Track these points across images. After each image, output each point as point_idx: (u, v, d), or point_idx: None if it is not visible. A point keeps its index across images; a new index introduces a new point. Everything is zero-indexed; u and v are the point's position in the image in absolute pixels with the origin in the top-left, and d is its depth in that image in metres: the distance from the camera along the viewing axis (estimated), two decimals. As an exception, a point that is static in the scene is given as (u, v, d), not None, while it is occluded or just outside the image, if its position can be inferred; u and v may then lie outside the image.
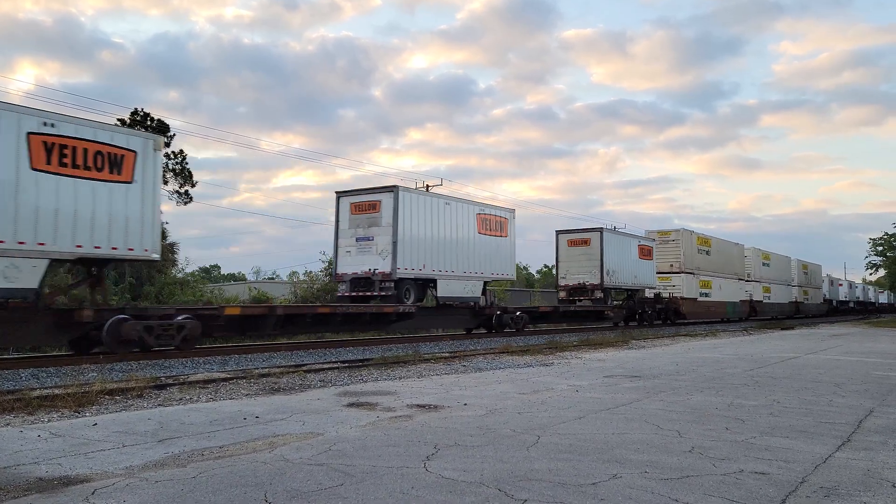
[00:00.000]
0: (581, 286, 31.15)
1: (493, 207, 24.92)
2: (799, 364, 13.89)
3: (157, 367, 12.29)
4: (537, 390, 9.41)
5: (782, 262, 56.90)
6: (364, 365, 12.64)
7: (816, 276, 67.56)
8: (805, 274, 62.72)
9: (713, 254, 41.74)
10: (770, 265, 52.69)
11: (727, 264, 43.93)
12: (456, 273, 22.69)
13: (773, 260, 53.98)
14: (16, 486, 4.46)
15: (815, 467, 5.20)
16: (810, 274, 64.80)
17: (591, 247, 31.26)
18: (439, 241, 21.90)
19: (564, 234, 32.38)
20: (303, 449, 5.60)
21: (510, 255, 25.53)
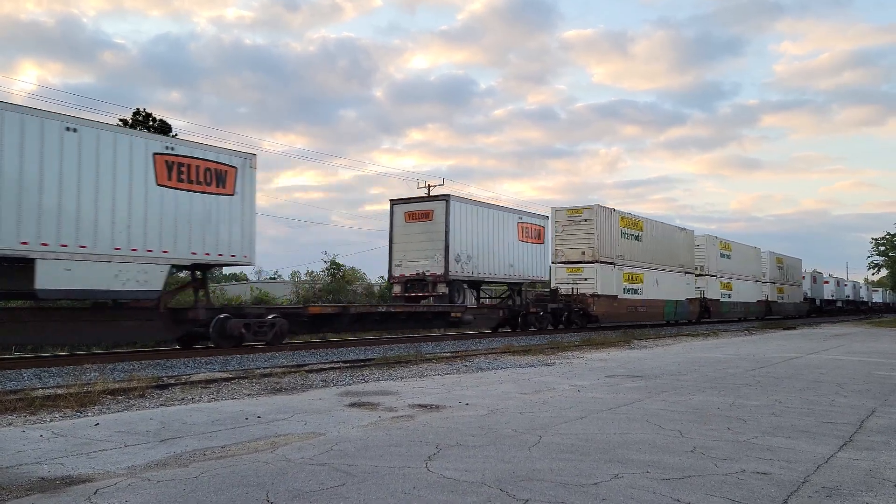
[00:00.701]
0: (420, 277, 22.44)
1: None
2: (801, 364, 13.88)
3: (158, 366, 12.30)
4: (539, 390, 9.40)
5: (748, 253, 48.20)
6: (366, 365, 12.64)
7: (795, 271, 59.61)
8: (780, 269, 55.09)
9: (647, 240, 32.97)
10: (732, 257, 44.48)
11: (668, 254, 35.27)
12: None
13: (737, 251, 45.82)
14: (18, 486, 4.47)
15: (817, 467, 5.19)
16: (787, 269, 57.11)
17: (434, 222, 22.36)
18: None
19: (401, 205, 23.38)
20: (305, 449, 5.60)
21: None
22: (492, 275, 24.32)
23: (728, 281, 43.47)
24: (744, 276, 46.00)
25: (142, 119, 33.65)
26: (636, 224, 32.82)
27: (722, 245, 43.60)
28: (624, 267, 30.77)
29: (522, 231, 25.88)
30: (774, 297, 52.32)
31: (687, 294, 37.05)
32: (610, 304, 29.43)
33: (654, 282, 33.39)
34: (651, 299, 32.87)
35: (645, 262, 32.66)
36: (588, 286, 28.83)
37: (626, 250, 31.20)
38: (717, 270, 41.62)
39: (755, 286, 48.34)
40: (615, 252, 30.07)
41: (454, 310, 22.15)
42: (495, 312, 25.49)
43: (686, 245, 38.13)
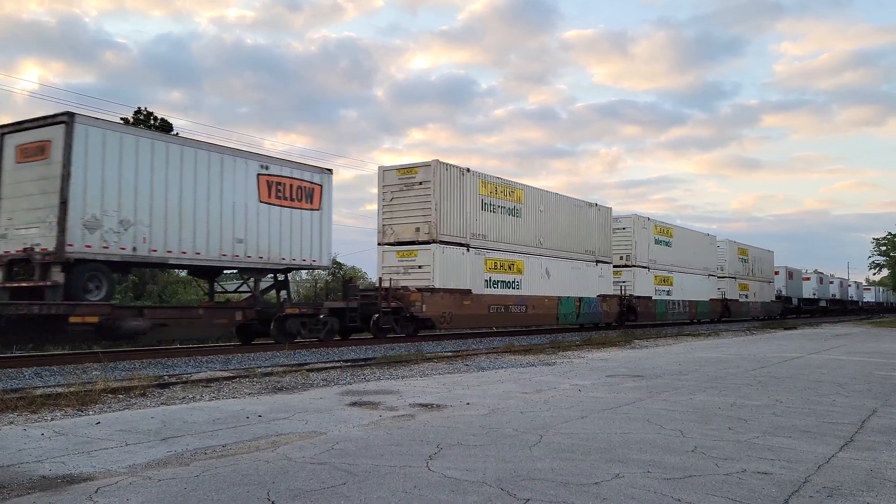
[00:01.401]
0: (26, 256, 13.75)
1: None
2: (802, 364, 13.87)
3: (159, 365, 12.31)
4: (540, 390, 9.40)
5: (698, 241, 39.77)
6: (366, 364, 12.64)
7: (764, 265, 51.23)
8: (744, 262, 46.74)
9: (531, 216, 24.88)
10: (673, 245, 36.07)
11: (569, 236, 27.15)
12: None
13: (682, 238, 37.45)
14: (19, 485, 4.47)
15: (818, 467, 5.19)
16: (754, 262, 48.74)
17: (50, 162, 13.68)
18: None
19: (13, 135, 14.47)
20: (305, 448, 5.60)
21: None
22: (189, 254, 15.61)
23: (666, 274, 34.97)
24: (691, 268, 38.07)
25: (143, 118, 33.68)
26: (511, 193, 24.10)
27: (658, 229, 34.71)
28: (484, 252, 22.35)
29: (271, 188, 17.47)
30: (735, 294, 44.56)
31: (600, 289, 28.89)
32: (454, 303, 20.86)
33: (543, 273, 25.31)
34: (536, 296, 24.67)
35: (526, 246, 24.42)
36: (421, 277, 20.53)
37: (493, 228, 23.02)
38: (649, 260, 33.24)
39: (707, 282, 40.24)
40: (471, 230, 21.88)
41: (78, 311, 13.31)
42: (223, 314, 16.81)
43: (599, 226, 29.41)
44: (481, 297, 22.30)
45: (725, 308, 42.53)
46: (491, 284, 22.95)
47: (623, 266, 32.12)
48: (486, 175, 23.29)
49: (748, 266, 47.75)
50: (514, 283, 24.06)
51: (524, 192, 25.16)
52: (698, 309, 38.66)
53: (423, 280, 20.68)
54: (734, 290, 44.76)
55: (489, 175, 23.53)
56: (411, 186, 21.27)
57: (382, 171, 21.92)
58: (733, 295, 44.34)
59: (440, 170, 21.09)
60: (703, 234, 41.56)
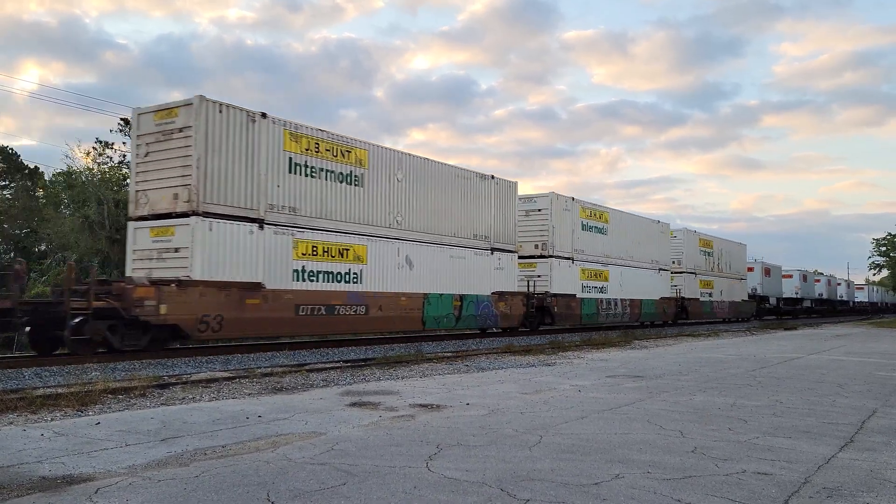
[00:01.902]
0: None
1: None
2: (802, 364, 13.87)
3: (159, 366, 12.31)
4: (540, 390, 9.40)
5: (643, 230, 32.93)
6: (366, 364, 12.64)
7: (734, 260, 44.76)
8: (707, 255, 40.37)
9: (378, 185, 18.45)
10: (609, 232, 29.69)
11: (446, 217, 20.70)
12: None
13: (620, 224, 30.75)
14: (19, 485, 4.47)
15: (817, 468, 5.19)
16: (720, 256, 42.27)
17: None
18: None
19: None
20: (305, 448, 5.60)
21: None
22: None
23: (599, 268, 28.60)
24: (635, 261, 31.65)
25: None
26: (346, 154, 17.51)
27: (587, 212, 28.29)
28: (296, 230, 16.08)
29: None
30: (695, 293, 38.20)
31: (496, 285, 22.56)
32: (229, 302, 14.68)
33: (401, 262, 18.96)
34: (387, 293, 18.36)
35: (371, 225, 18.00)
36: (178, 264, 14.38)
37: (312, 198, 16.55)
38: (574, 250, 26.90)
39: (657, 277, 33.67)
40: (268, 199, 15.48)
41: None
42: None
43: (499, 205, 23.07)
44: (281, 293, 15.52)
45: (680, 308, 36.15)
46: (305, 277, 16.23)
47: (537, 257, 25.54)
48: (300, 126, 16.39)
49: (713, 260, 41.15)
50: (348, 274, 17.32)
51: (369, 153, 18.15)
52: (643, 309, 31.86)
53: (179, 269, 14.30)
54: (694, 287, 38.17)
55: (306, 126, 16.64)
56: (170, 135, 14.80)
57: (137, 116, 15.47)
58: (692, 293, 37.85)
59: (208, 111, 14.55)
60: (652, 221, 34.19)
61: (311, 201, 16.69)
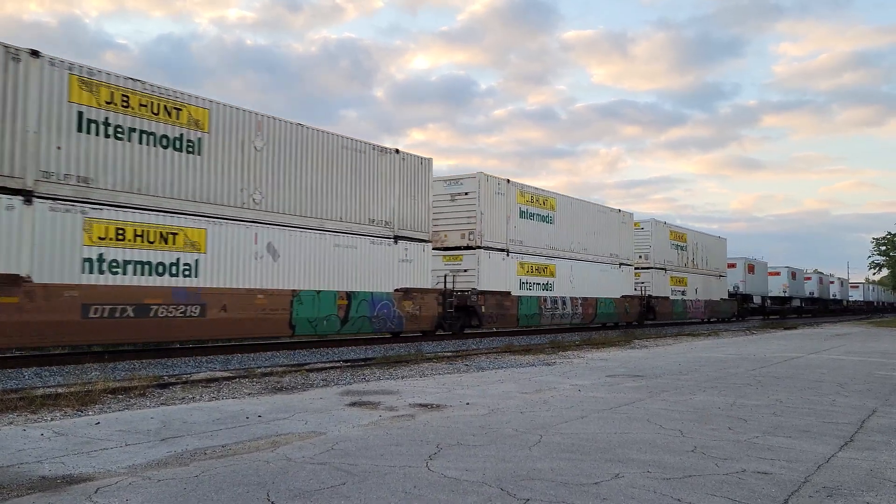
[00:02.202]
0: None
1: None
2: (801, 364, 13.87)
3: (159, 365, 12.31)
4: (539, 390, 9.40)
5: (600, 219, 28.87)
6: (366, 364, 12.65)
7: (713, 256, 40.79)
8: (679, 249, 36.19)
9: (222, 152, 14.66)
10: (556, 220, 25.80)
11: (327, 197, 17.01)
12: None
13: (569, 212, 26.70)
14: (19, 485, 4.47)
15: (817, 467, 5.19)
16: (695, 251, 38.21)
17: None
18: None
19: None
20: (305, 448, 5.60)
21: None
22: None
23: (543, 262, 24.94)
24: (589, 255, 27.78)
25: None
26: (172, 111, 13.81)
27: (526, 197, 24.30)
28: (88, 207, 12.44)
29: None
30: (664, 290, 34.16)
31: (404, 280, 18.84)
32: None
33: (260, 250, 15.30)
34: (237, 290, 14.65)
35: (209, 203, 14.28)
36: None
37: (108, 163, 12.74)
38: (509, 241, 23.12)
39: (616, 274, 29.63)
40: (49, 165, 11.98)
41: None
42: None
43: (405, 183, 19.17)
44: (59, 290, 11.89)
45: (645, 307, 32.03)
46: (105, 268, 12.55)
47: (464, 248, 22.01)
48: (97, 72, 12.69)
49: (686, 255, 36.96)
50: (175, 265, 13.59)
51: (211, 114, 14.51)
52: (599, 309, 28.19)
53: None
54: (663, 284, 34.05)
55: (109, 73, 12.95)
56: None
57: None
58: (661, 291, 33.81)
59: None
60: (612, 211, 30.17)
61: (117, 170, 12.82)
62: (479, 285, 21.75)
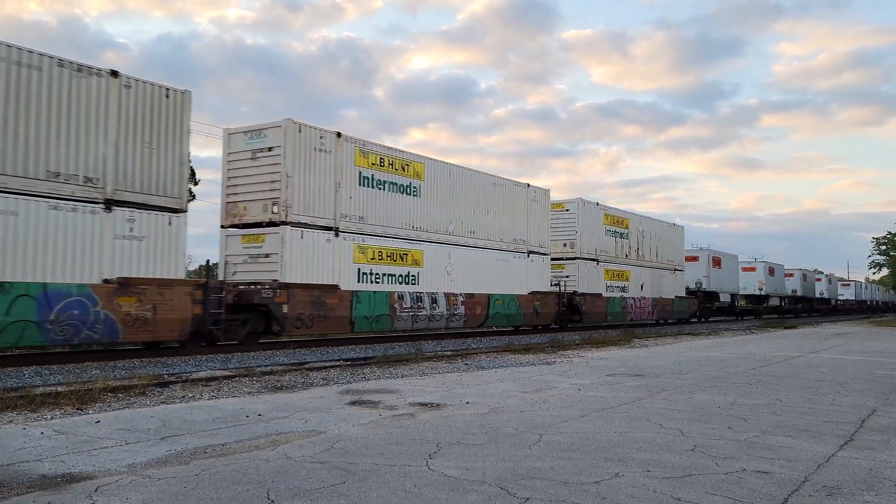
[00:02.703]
0: None
1: None
2: (802, 363, 13.87)
3: (159, 364, 12.31)
4: (539, 389, 9.40)
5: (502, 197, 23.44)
6: (366, 363, 12.64)
7: (666, 246, 34.89)
8: (619, 237, 30.36)
9: None
10: (422, 195, 20.10)
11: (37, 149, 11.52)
12: None
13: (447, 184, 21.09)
14: (19, 484, 4.47)
15: (817, 466, 5.19)
16: (643, 240, 32.58)
17: None
18: None
19: None
20: (305, 447, 5.60)
21: None
22: None
23: (402, 245, 19.11)
24: (477, 239, 21.93)
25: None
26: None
27: (369, 158, 18.32)
28: None
29: None
30: (596, 286, 28.24)
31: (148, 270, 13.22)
32: None
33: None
34: None
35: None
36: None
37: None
38: (337, 215, 17.35)
39: (521, 264, 23.77)
40: None
41: None
42: None
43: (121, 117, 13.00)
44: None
45: (565, 307, 26.04)
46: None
47: (266, 225, 16.27)
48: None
49: (628, 245, 31.22)
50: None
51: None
52: (492, 309, 22.07)
53: None
54: (594, 278, 28.26)
55: None
56: None
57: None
58: (592, 286, 28.02)
59: None
60: (516, 185, 24.06)
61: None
62: (283, 275, 15.88)
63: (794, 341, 21.81)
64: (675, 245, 36.42)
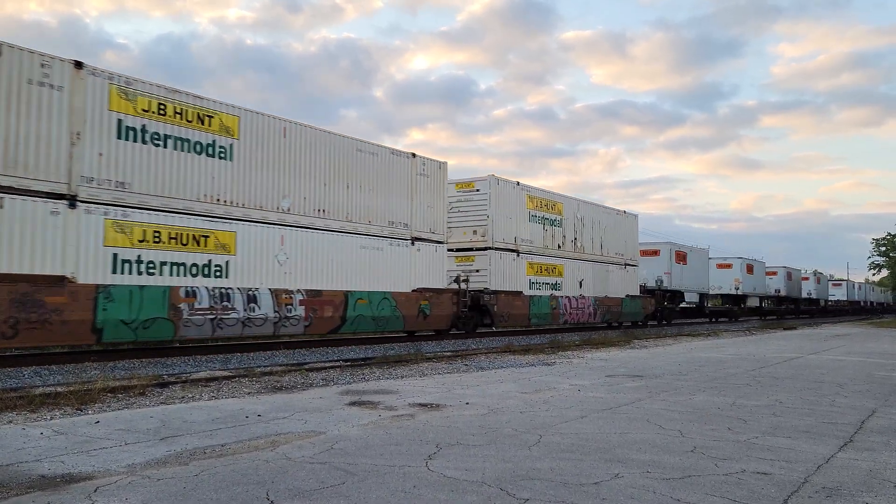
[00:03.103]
0: None
1: None
2: (801, 364, 13.87)
3: (159, 364, 12.30)
4: (539, 389, 9.40)
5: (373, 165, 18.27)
6: (366, 363, 12.64)
7: (613, 236, 29.83)
8: (550, 224, 25.74)
9: None
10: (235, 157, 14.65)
11: None
12: None
13: (275, 142, 15.60)
14: (18, 484, 4.47)
15: (817, 467, 5.19)
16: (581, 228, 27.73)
17: None
18: None
19: None
20: (305, 447, 5.60)
21: None
22: None
23: (204, 226, 14.08)
24: (332, 222, 17.03)
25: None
26: None
27: (134, 103, 12.91)
28: None
29: None
30: (515, 282, 23.39)
31: None
32: None
33: None
34: None
35: None
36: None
37: None
38: (117, 182, 12.61)
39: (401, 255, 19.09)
40: None
41: None
42: None
43: None
44: None
45: (475, 307, 21.85)
46: None
47: None
48: None
49: (561, 234, 26.30)
50: None
51: None
52: (354, 310, 17.27)
53: None
54: (514, 273, 23.45)
55: None
56: None
57: None
58: (509, 282, 23.12)
59: None
60: (396, 155, 19.45)
61: None
62: None
63: (794, 342, 21.81)
64: (626, 237, 31.28)
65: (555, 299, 25.28)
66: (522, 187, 24.53)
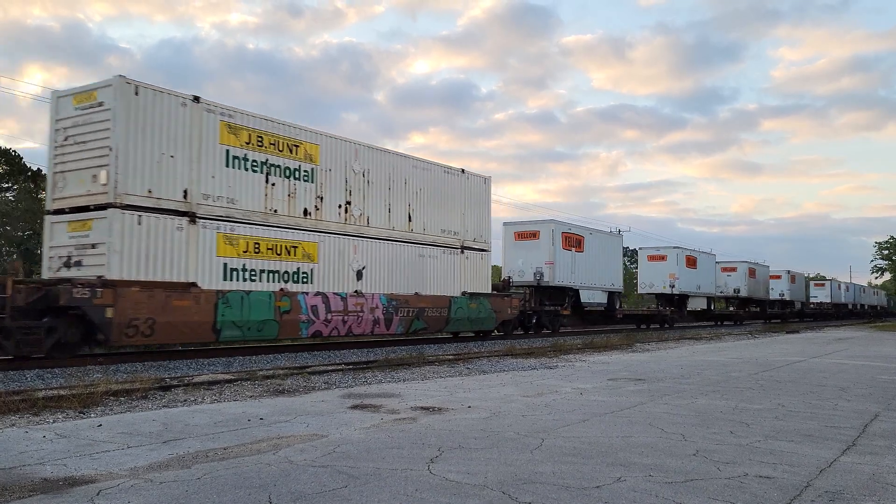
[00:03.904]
0: None
1: None
2: (804, 368, 13.84)
3: (161, 368, 12.32)
4: (541, 393, 9.39)
5: None
6: (368, 367, 12.64)
7: (446, 209, 20.92)
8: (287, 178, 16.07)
9: None
10: None
11: None
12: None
13: None
14: (21, 487, 4.48)
15: (819, 471, 5.18)
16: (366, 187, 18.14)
17: None
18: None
19: None
20: (307, 451, 5.60)
21: None
22: None
23: None
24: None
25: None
26: None
27: None
28: None
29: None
30: (186, 270, 13.73)
31: None
32: None
33: None
34: None
35: None
36: None
37: None
38: None
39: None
40: None
41: None
42: None
43: None
44: None
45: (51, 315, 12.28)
46: None
47: None
48: None
49: (314, 192, 16.93)
50: None
51: None
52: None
53: None
54: (178, 255, 13.81)
55: None
56: None
57: None
58: (169, 267, 13.58)
59: None
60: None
61: None
62: None
63: (797, 346, 21.77)
64: (469, 207, 22.19)
65: (291, 299, 15.84)
66: (211, 107, 14.78)
